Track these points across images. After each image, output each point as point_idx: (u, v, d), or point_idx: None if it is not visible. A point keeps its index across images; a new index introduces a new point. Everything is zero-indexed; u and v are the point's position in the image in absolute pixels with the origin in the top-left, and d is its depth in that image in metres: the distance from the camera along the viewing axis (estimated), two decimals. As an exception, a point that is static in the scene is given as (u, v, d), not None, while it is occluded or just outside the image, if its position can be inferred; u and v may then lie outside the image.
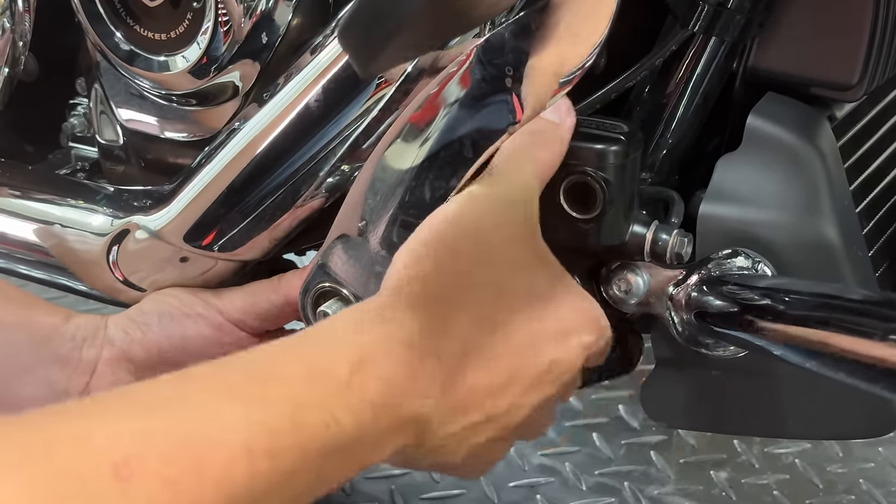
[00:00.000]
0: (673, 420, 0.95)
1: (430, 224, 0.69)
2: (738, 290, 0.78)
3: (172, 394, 0.55)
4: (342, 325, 0.64)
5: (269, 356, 0.60)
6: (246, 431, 0.54)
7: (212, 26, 0.87)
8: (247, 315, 0.83)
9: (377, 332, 0.62)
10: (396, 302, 0.65)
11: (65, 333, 0.83)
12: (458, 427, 0.65)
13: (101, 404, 0.54)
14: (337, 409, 0.58)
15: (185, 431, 0.52)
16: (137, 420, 0.52)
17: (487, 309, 0.66)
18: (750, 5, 0.83)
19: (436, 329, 0.64)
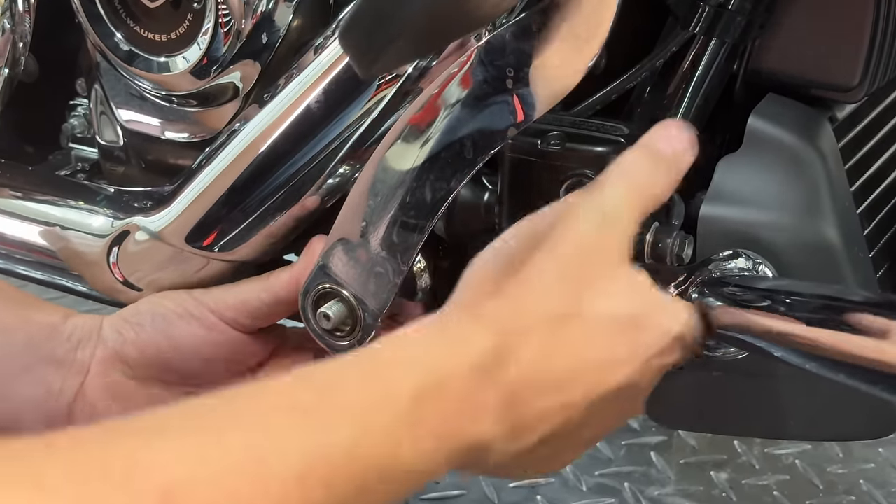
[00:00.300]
0: (673, 421, 0.95)
1: (518, 227, 0.68)
2: (738, 291, 0.78)
3: (229, 412, 0.54)
4: (410, 343, 0.61)
5: (332, 375, 0.58)
6: (302, 460, 0.52)
7: (212, 27, 0.87)
8: (238, 314, 0.83)
9: (444, 354, 0.60)
10: (469, 319, 0.63)
11: (62, 334, 0.83)
12: (519, 448, 0.63)
13: (161, 421, 0.53)
14: (398, 438, 0.56)
15: (238, 457, 0.51)
16: (192, 442, 0.50)
17: (563, 334, 0.64)
18: (751, 7, 0.83)
19: (505, 354, 0.61)
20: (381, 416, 0.56)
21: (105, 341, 0.83)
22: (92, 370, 0.82)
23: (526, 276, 0.64)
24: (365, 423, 0.56)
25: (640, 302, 0.66)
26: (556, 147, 0.80)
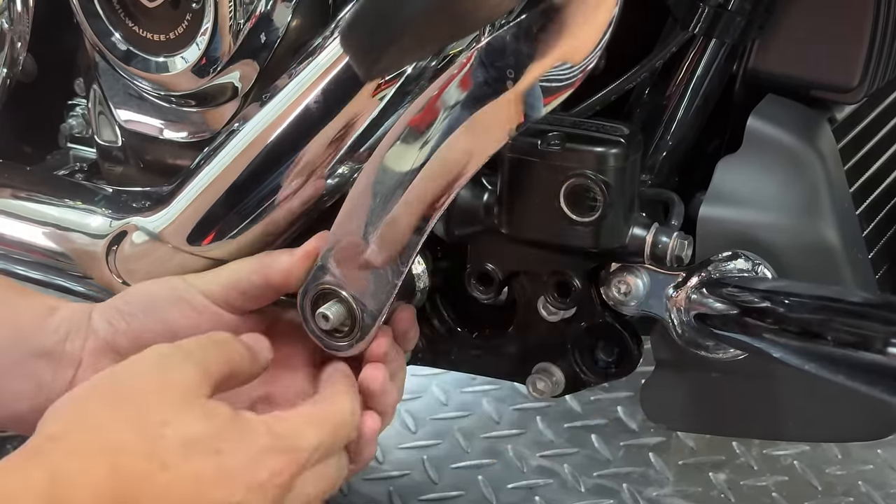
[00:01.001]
0: (672, 422, 0.95)
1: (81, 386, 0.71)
2: (738, 292, 0.78)
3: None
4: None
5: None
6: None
7: (211, 27, 0.87)
8: (230, 297, 0.82)
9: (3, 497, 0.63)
10: (27, 457, 0.66)
11: (48, 327, 0.82)
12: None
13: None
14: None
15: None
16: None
17: (136, 461, 0.66)
18: (750, 7, 0.83)
19: (69, 487, 0.64)
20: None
21: (96, 332, 0.82)
22: (84, 362, 0.81)
23: (79, 420, 0.67)
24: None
25: (215, 428, 0.69)
26: (556, 147, 0.80)
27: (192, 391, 0.70)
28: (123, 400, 0.69)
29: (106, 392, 0.69)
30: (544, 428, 1.33)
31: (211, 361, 0.73)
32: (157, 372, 0.71)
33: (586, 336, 0.88)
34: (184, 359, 0.72)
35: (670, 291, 0.82)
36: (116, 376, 0.71)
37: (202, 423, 0.69)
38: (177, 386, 0.70)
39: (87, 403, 0.69)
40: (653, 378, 0.89)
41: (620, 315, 0.86)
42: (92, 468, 0.65)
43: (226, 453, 0.68)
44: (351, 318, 0.82)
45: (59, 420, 0.68)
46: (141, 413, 0.68)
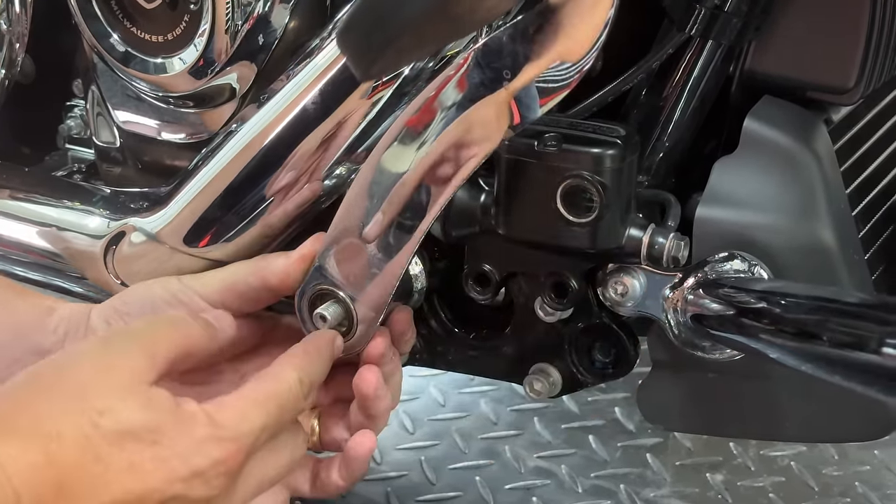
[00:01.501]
0: (669, 422, 0.95)
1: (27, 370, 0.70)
2: (734, 293, 0.78)
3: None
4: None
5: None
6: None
7: (209, 28, 0.87)
8: (227, 299, 0.82)
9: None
10: None
11: (47, 326, 0.82)
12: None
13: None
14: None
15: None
16: None
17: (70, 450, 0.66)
18: (746, 9, 0.83)
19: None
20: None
21: (94, 332, 0.82)
22: None
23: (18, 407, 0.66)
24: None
25: (154, 417, 0.68)
26: (553, 148, 0.80)
27: (135, 377, 0.69)
28: (63, 386, 0.67)
29: (47, 377, 0.68)
30: (542, 429, 1.33)
31: (160, 343, 0.72)
32: (99, 357, 0.69)
33: (583, 337, 0.88)
34: (129, 342, 0.71)
35: (667, 292, 0.82)
36: (59, 362, 0.70)
37: (140, 413, 0.67)
38: (119, 372, 0.69)
39: (28, 388, 0.68)
40: (649, 379, 0.89)
41: (617, 316, 0.86)
42: (29, 454, 0.64)
43: (163, 444, 0.67)
44: (348, 319, 0.82)
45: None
46: (78, 401, 0.67)
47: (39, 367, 0.69)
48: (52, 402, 0.66)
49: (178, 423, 0.69)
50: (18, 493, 0.62)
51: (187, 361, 0.74)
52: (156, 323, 0.74)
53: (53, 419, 0.66)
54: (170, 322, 0.75)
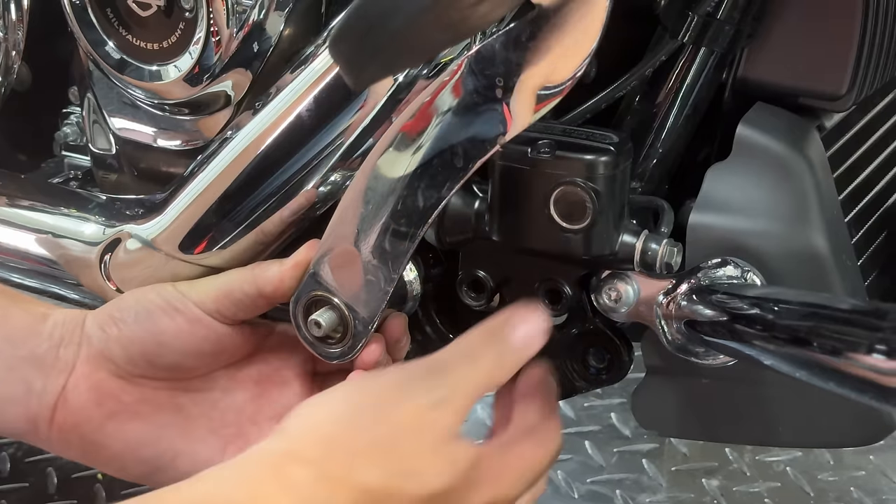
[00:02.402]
0: (664, 428, 0.95)
1: (345, 393, 0.73)
2: (727, 299, 0.78)
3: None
4: (220, 493, 0.67)
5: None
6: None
7: (204, 36, 0.87)
8: (222, 306, 0.83)
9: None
10: (279, 478, 0.68)
11: (41, 333, 0.82)
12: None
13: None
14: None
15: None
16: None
17: (376, 491, 0.69)
18: (739, 16, 0.84)
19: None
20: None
21: (90, 338, 0.82)
22: (77, 369, 0.81)
23: (337, 448, 0.70)
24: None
25: (451, 482, 0.71)
26: (547, 155, 0.80)
27: (446, 436, 0.72)
28: (379, 434, 0.70)
29: (363, 421, 0.70)
30: (538, 434, 1.33)
31: (471, 396, 0.73)
32: (417, 409, 0.72)
33: (578, 343, 0.88)
34: (448, 399, 0.72)
35: (660, 298, 0.82)
36: (376, 403, 0.71)
37: (444, 479, 0.71)
38: (432, 430, 0.71)
39: (342, 428, 0.70)
40: (643, 384, 0.89)
41: (611, 322, 0.86)
42: (336, 500, 0.67)
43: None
44: (343, 325, 0.82)
45: (306, 437, 0.70)
46: (392, 456, 0.70)
47: (352, 398, 0.72)
48: (367, 449, 0.69)
49: (469, 486, 0.72)
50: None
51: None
52: (466, 366, 0.75)
53: (366, 469, 0.69)
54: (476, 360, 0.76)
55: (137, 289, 0.85)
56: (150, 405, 0.83)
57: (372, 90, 0.83)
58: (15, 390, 0.81)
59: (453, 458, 0.72)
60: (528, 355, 0.77)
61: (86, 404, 0.82)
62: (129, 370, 0.82)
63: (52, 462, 1.28)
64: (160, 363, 0.82)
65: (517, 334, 0.76)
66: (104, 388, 0.82)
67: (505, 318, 0.77)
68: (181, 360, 0.83)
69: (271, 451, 0.70)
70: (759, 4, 0.84)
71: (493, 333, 0.76)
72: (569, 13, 0.70)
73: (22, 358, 0.81)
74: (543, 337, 0.77)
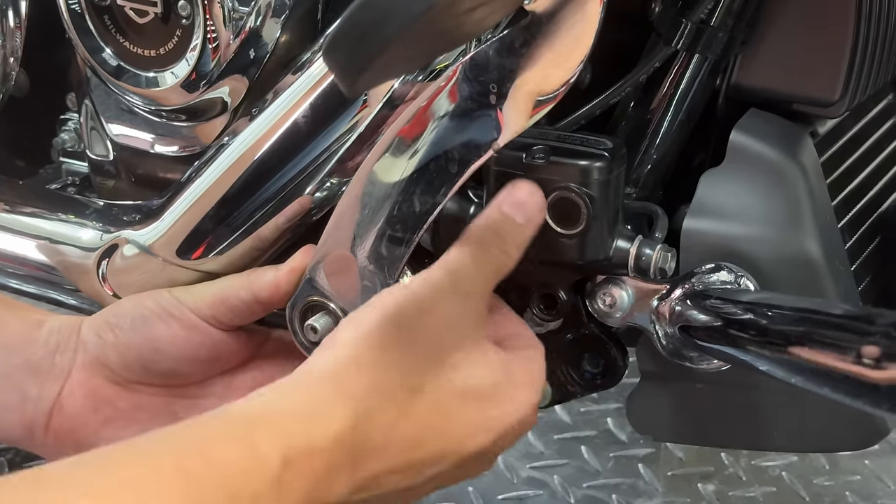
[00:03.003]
0: (659, 433, 0.95)
1: (384, 305, 0.73)
2: (721, 304, 0.79)
3: (113, 481, 0.58)
4: (279, 408, 0.67)
5: (206, 436, 0.64)
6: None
7: (200, 43, 0.88)
8: (218, 312, 0.83)
9: (311, 425, 0.66)
10: (333, 393, 0.68)
11: (37, 340, 0.82)
12: (363, 498, 0.70)
13: (38, 483, 0.56)
14: (268, 502, 0.62)
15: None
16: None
17: (412, 407, 0.71)
18: (732, 23, 0.84)
19: (360, 427, 0.68)
20: (251, 478, 0.62)
21: (86, 345, 0.82)
22: (73, 376, 0.81)
23: (388, 355, 0.71)
24: (236, 485, 0.61)
25: (491, 376, 0.74)
26: (541, 161, 0.80)
27: (479, 331, 0.75)
28: (422, 338, 0.72)
29: (406, 328, 0.72)
30: (534, 439, 1.34)
31: (490, 283, 0.76)
32: (449, 310, 0.73)
33: (572, 347, 0.89)
34: (470, 293, 0.74)
35: (654, 303, 0.83)
36: (415, 312, 0.73)
37: (483, 372, 0.73)
38: (467, 327, 0.74)
39: (389, 336, 0.71)
40: (638, 390, 0.90)
41: (606, 327, 0.87)
42: (388, 408, 0.69)
43: (495, 405, 0.73)
44: (339, 330, 0.82)
45: (360, 345, 0.70)
46: (436, 357, 0.72)
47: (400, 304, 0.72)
48: (412, 351, 0.71)
49: (509, 385, 0.74)
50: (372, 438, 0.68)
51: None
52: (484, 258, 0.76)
53: (413, 372, 0.71)
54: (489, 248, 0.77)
55: (133, 295, 0.85)
56: (145, 411, 0.83)
57: (369, 96, 0.84)
58: (11, 397, 0.81)
59: (486, 356, 0.74)
60: (533, 231, 0.77)
61: (81, 410, 0.82)
62: (126, 376, 0.83)
63: (50, 467, 1.28)
64: (156, 369, 0.82)
65: (517, 212, 0.77)
66: (100, 394, 0.82)
67: (501, 200, 0.77)
68: (177, 366, 0.83)
69: (327, 362, 0.71)
70: (752, 11, 0.85)
71: (493, 217, 0.77)
72: (562, 20, 0.71)
73: (17, 365, 0.81)
74: (538, 200, 0.77)
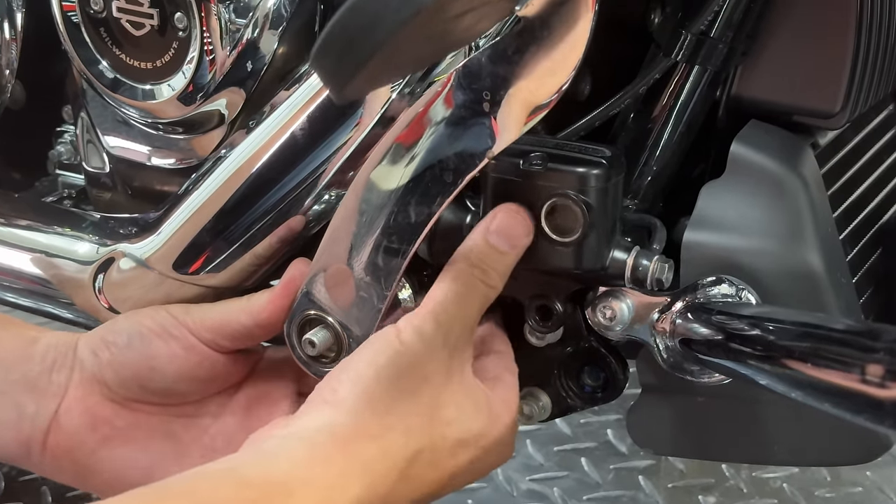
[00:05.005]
0: (659, 446, 0.95)
1: (377, 362, 0.74)
2: (722, 318, 0.78)
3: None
4: (295, 476, 0.68)
5: (214, 487, 0.66)
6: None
7: (197, 55, 0.87)
8: (217, 335, 0.82)
9: (329, 496, 0.68)
10: (348, 455, 0.70)
11: (33, 357, 0.82)
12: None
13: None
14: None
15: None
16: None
17: (421, 465, 0.73)
18: (732, 34, 0.84)
19: (376, 490, 0.70)
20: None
21: (82, 363, 0.82)
22: (70, 393, 0.81)
23: (391, 420, 0.72)
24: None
25: (479, 421, 0.76)
26: (538, 167, 0.80)
27: (468, 376, 0.76)
28: (417, 388, 0.73)
29: (402, 377, 0.73)
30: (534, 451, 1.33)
31: (476, 317, 0.78)
32: (443, 355, 0.75)
33: (572, 361, 0.88)
34: (458, 334, 0.76)
35: (655, 316, 0.82)
36: (409, 356, 0.74)
37: (472, 422, 0.76)
38: (457, 373, 0.76)
39: (392, 398, 0.73)
40: (639, 403, 0.89)
41: (606, 340, 0.86)
42: (391, 474, 0.71)
43: (482, 449, 0.76)
44: (337, 344, 0.82)
45: (364, 410, 0.72)
46: (435, 414, 0.74)
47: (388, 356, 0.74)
48: (410, 406, 0.73)
49: (492, 424, 0.77)
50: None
51: None
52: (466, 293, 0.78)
53: (412, 427, 0.73)
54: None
55: (131, 312, 0.85)
56: (142, 430, 0.83)
57: (365, 108, 0.83)
58: (7, 414, 0.81)
59: (475, 400, 0.76)
60: (520, 249, 0.79)
61: (79, 428, 0.81)
62: (122, 394, 0.82)
63: (47, 481, 1.28)
64: (153, 387, 0.82)
65: (497, 241, 0.78)
66: (97, 412, 0.82)
67: (481, 229, 0.78)
68: (174, 385, 0.82)
69: (336, 426, 0.71)
70: (752, 22, 0.85)
71: (474, 251, 0.78)
72: (554, 26, 0.70)
73: (14, 382, 0.81)
74: (524, 224, 0.79)
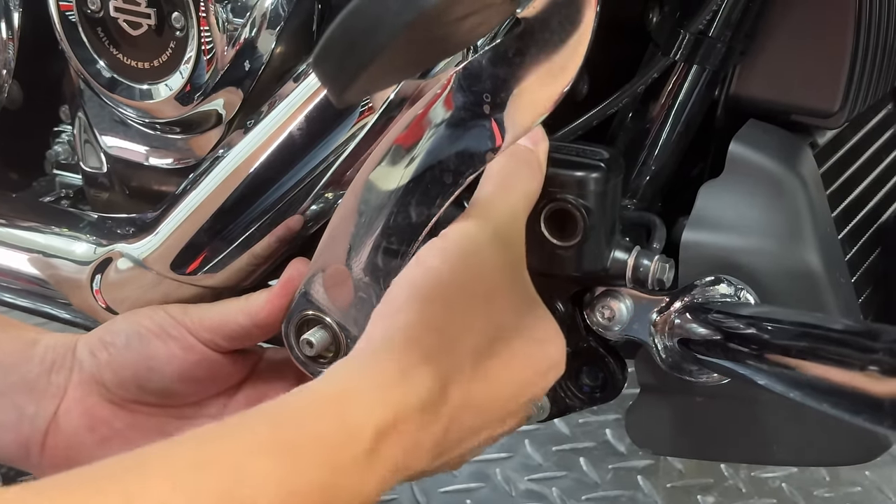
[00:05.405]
0: (658, 446, 0.95)
1: (426, 263, 0.73)
2: (721, 318, 0.78)
3: (205, 455, 0.59)
4: (366, 384, 0.67)
5: (299, 413, 0.64)
6: (278, 497, 0.58)
7: (195, 55, 0.87)
8: (216, 335, 0.82)
9: (398, 395, 0.66)
10: (413, 353, 0.69)
11: (32, 358, 0.82)
12: (440, 464, 0.72)
13: (140, 459, 0.57)
14: (364, 474, 0.63)
15: (217, 495, 0.56)
16: (170, 485, 0.55)
17: (485, 367, 0.71)
18: (731, 34, 0.84)
19: (442, 393, 0.68)
20: (347, 451, 0.63)
21: (81, 364, 0.81)
22: (69, 394, 0.81)
23: (450, 317, 0.71)
24: (334, 459, 0.62)
25: (540, 322, 0.75)
26: (538, 171, 0.80)
27: (525, 285, 0.74)
28: (474, 300, 0.72)
29: (460, 299, 0.72)
30: (532, 451, 1.33)
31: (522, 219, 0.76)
32: (494, 270, 0.73)
33: (571, 361, 0.88)
34: (509, 238, 0.74)
35: (653, 316, 0.82)
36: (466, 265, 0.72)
37: (537, 324, 0.74)
38: (514, 274, 0.74)
39: (446, 317, 0.71)
40: (637, 403, 0.89)
41: (605, 340, 0.86)
42: (464, 368, 0.70)
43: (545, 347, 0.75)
44: (335, 345, 0.82)
45: (422, 334, 0.70)
46: (491, 321, 0.72)
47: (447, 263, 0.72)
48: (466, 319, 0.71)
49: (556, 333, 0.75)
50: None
51: None
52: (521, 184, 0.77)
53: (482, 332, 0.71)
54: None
55: (129, 312, 0.85)
56: (141, 432, 0.83)
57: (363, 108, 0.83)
58: (7, 416, 0.81)
59: (532, 303, 0.75)
60: (543, 154, 0.78)
61: (78, 430, 0.81)
62: (121, 395, 0.82)
63: (45, 481, 1.27)
64: (151, 388, 0.82)
65: (524, 143, 0.77)
66: (96, 413, 0.82)
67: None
68: (172, 385, 0.82)
69: (396, 329, 0.71)
70: (750, 22, 0.84)
71: (510, 153, 0.76)
72: (555, 29, 0.70)
73: (13, 383, 0.81)
74: (544, 136, 0.78)
